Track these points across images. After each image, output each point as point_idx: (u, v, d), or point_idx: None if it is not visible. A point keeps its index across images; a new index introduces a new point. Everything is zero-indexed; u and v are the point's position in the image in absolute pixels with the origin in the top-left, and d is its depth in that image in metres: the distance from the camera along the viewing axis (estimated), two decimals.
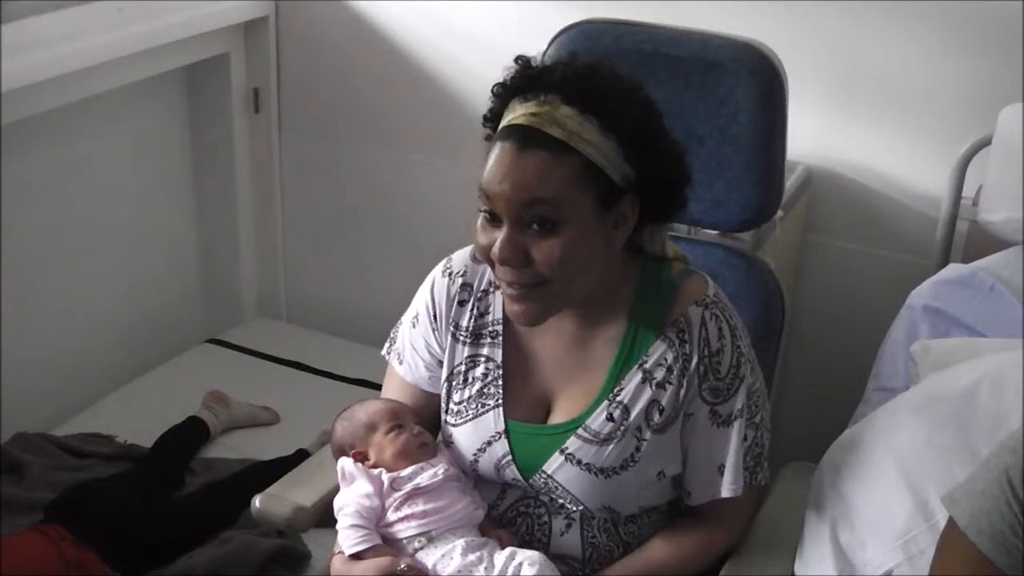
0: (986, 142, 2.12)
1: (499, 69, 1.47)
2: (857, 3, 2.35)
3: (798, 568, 1.57)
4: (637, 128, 1.41)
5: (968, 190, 2.21)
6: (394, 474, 1.54)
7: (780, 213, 1.89)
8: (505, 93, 1.44)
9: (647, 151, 1.42)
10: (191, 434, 2.59)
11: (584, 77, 1.41)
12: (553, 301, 1.45)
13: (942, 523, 1.33)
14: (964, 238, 2.25)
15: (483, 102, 1.49)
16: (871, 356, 2.00)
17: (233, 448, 2.61)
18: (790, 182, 2.30)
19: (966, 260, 2.08)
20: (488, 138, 1.46)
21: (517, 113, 1.39)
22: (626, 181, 1.41)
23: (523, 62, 1.46)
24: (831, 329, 2.58)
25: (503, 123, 1.41)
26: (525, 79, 1.42)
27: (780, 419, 1.65)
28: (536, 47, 1.66)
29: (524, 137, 1.37)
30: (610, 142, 1.38)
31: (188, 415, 2.61)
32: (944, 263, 2.19)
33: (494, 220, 1.41)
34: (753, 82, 1.71)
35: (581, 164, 1.37)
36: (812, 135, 2.44)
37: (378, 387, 1.76)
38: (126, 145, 2.91)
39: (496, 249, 1.40)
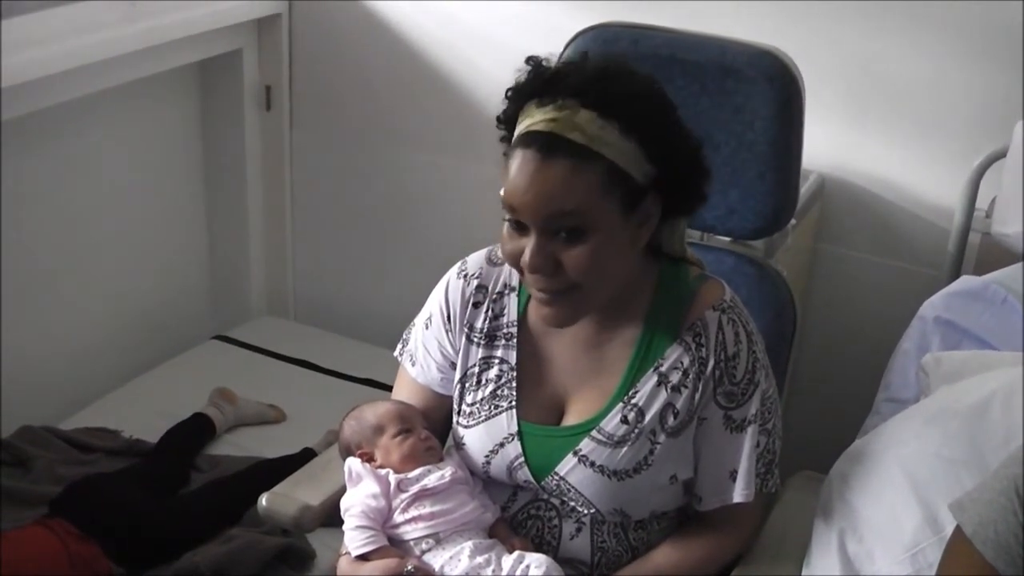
0: (1001, 154, 2.11)
1: (511, 70, 1.46)
2: (874, 13, 2.35)
3: None
4: (657, 126, 1.39)
5: (982, 202, 2.21)
6: (401, 475, 1.53)
7: (793, 221, 1.88)
8: (519, 96, 1.42)
9: (668, 148, 1.41)
10: (197, 430, 2.58)
11: (600, 80, 1.38)
12: (584, 304, 1.45)
13: None
14: (976, 250, 2.25)
15: (495, 103, 1.47)
16: (881, 366, 1.99)
17: (239, 446, 2.60)
18: (803, 190, 2.29)
19: (978, 272, 2.07)
20: (503, 139, 1.45)
21: (535, 118, 1.37)
22: (648, 179, 1.40)
23: (535, 63, 1.44)
24: (842, 338, 2.57)
25: (521, 128, 1.39)
26: (540, 82, 1.40)
27: (789, 427, 1.64)
28: (549, 48, 1.64)
29: (546, 144, 1.35)
30: (631, 143, 1.37)
31: (194, 411, 2.61)
32: (956, 275, 2.18)
33: (520, 227, 1.40)
34: (770, 90, 1.71)
35: (605, 169, 1.36)
36: (826, 144, 2.44)
37: (386, 387, 1.76)
38: (137, 140, 2.91)
39: (526, 258, 1.39)
